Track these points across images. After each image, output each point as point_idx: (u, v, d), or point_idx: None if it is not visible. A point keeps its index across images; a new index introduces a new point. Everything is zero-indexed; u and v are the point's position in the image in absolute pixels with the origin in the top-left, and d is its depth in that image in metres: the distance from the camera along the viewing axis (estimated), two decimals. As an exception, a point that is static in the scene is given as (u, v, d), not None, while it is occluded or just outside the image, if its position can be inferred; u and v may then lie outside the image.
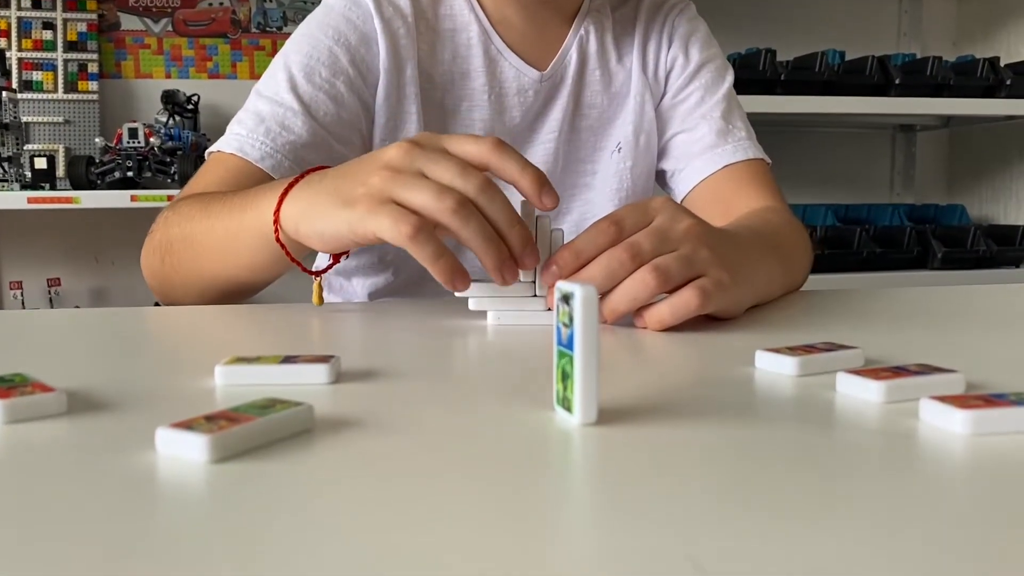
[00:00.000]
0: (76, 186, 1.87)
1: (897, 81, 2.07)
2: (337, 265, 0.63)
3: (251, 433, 0.30)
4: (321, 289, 0.64)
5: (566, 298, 0.33)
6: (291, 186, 0.60)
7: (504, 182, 0.53)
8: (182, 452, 0.29)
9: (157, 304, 1.98)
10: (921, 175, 2.61)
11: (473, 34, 0.87)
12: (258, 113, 0.79)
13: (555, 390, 0.34)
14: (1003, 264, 2.18)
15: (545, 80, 0.89)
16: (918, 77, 2.10)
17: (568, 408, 0.33)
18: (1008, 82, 2.12)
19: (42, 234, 2.12)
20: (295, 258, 0.62)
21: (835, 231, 2.09)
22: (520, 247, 0.52)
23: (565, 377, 0.33)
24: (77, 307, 2.08)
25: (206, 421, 0.30)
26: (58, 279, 2.10)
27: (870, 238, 2.09)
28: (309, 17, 0.85)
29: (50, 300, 2.09)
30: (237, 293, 0.71)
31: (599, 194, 0.93)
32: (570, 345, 0.32)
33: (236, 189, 0.74)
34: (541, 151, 0.90)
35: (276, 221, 0.59)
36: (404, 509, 0.25)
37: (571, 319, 0.32)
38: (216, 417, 0.31)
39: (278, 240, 0.60)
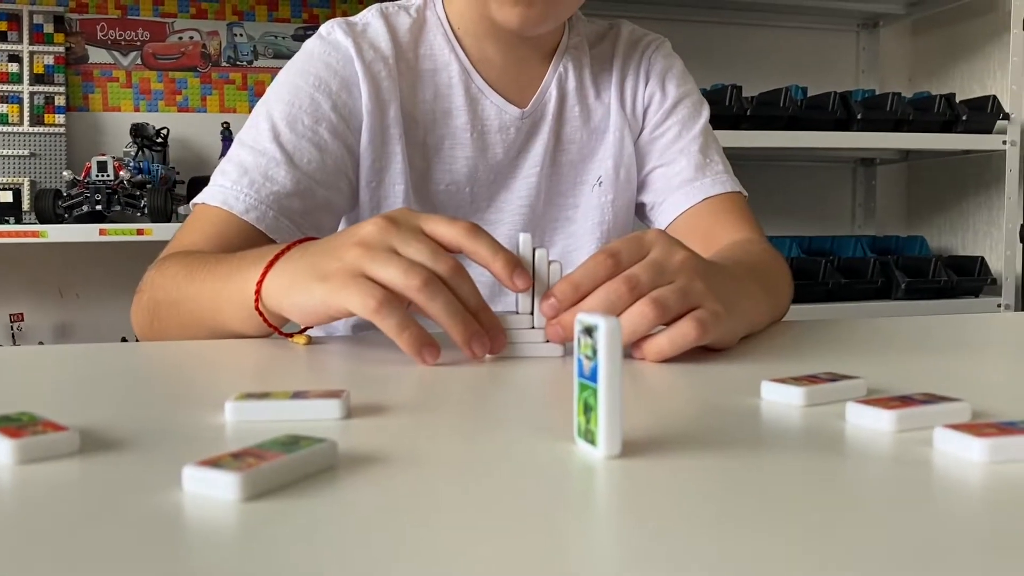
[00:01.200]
0: (43, 220, 1.84)
1: (859, 116, 2.13)
2: None
3: (280, 470, 0.30)
4: (309, 339, 0.63)
5: (589, 331, 0.33)
6: (275, 260, 0.60)
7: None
8: (211, 491, 0.29)
9: (124, 340, 1.94)
10: (882, 207, 2.67)
11: (454, 73, 0.88)
12: (241, 164, 0.79)
13: (576, 423, 0.34)
14: (963, 294, 2.23)
15: (526, 117, 0.90)
16: (879, 112, 2.16)
17: (591, 441, 0.33)
18: (964, 117, 2.19)
19: (6, 269, 2.08)
20: (279, 329, 0.63)
21: (801, 262, 2.13)
22: (489, 330, 0.54)
23: (588, 410, 0.33)
24: (41, 343, 2.04)
25: (233, 459, 0.30)
26: (21, 314, 2.06)
27: (835, 269, 2.13)
28: (289, 64, 0.86)
29: (12, 336, 2.04)
30: None
31: (581, 227, 0.94)
32: (593, 378, 0.33)
33: (222, 245, 0.76)
34: (523, 186, 0.91)
35: (257, 292, 0.60)
36: (439, 547, 0.25)
37: (594, 351, 0.33)
38: (242, 455, 0.30)
39: (259, 312, 0.61)
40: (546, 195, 0.92)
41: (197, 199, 0.80)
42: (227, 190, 0.78)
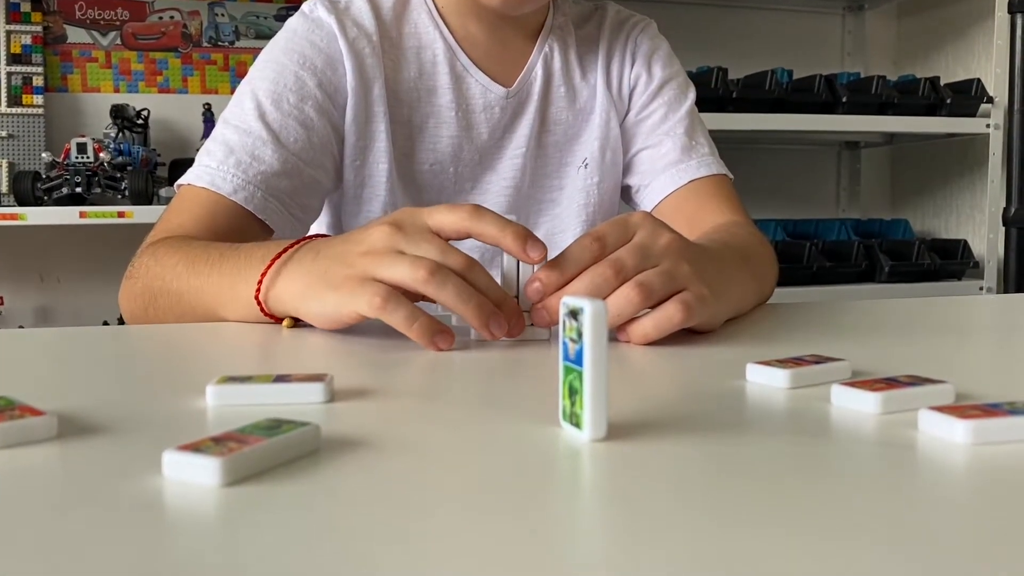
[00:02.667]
0: (21, 202, 1.81)
1: (844, 99, 2.13)
2: None
3: (262, 455, 0.29)
4: (293, 323, 0.63)
5: (574, 313, 0.33)
6: (278, 257, 0.60)
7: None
8: (191, 476, 0.28)
9: (105, 323, 1.92)
10: (866, 191, 2.67)
11: (439, 51, 0.87)
12: (227, 143, 0.78)
13: (561, 406, 0.34)
14: (946, 277, 2.24)
15: (511, 96, 0.89)
16: (863, 95, 2.16)
17: (577, 424, 0.33)
18: (948, 101, 2.19)
19: (-16, 252, 2.06)
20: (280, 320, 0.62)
21: (785, 245, 2.13)
22: (510, 317, 0.53)
23: (573, 393, 0.33)
24: (21, 327, 2.02)
25: (214, 443, 0.29)
26: (1, 298, 2.04)
27: (819, 252, 2.14)
28: (272, 42, 0.85)
29: (-8, 320, 2.02)
30: None
31: (566, 209, 0.93)
32: (578, 361, 0.33)
33: (212, 227, 0.75)
34: (508, 167, 0.90)
35: (259, 286, 0.60)
36: (423, 531, 0.25)
37: (580, 335, 0.32)
38: (223, 439, 0.30)
39: (265, 313, 0.61)
40: (531, 176, 0.92)
41: (183, 180, 0.79)
42: (213, 171, 0.77)
